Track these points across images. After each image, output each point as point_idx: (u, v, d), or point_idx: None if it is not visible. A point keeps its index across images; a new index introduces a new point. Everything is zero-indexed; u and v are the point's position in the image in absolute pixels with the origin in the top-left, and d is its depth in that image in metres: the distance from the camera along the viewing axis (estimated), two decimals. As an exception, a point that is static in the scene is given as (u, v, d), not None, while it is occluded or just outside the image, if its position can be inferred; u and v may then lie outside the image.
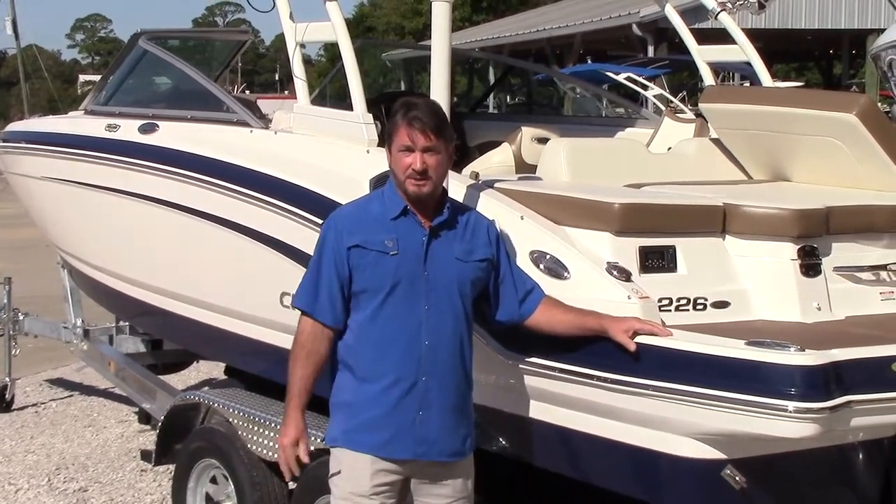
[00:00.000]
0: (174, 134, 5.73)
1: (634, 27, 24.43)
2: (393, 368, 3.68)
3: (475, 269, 3.76)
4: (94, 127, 6.38)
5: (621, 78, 18.26)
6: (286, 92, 51.42)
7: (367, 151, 4.59)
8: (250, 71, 69.51)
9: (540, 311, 3.79)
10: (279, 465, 3.95)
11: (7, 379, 8.69)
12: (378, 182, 4.23)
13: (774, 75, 6.00)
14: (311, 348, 3.76)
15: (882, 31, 17.32)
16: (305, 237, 4.53)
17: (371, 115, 4.72)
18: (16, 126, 7.94)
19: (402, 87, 32.39)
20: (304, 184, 4.75)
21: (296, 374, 3.78)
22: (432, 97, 4.10)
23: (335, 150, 4.79)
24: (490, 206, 4.15)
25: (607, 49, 29.64)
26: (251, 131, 5.33)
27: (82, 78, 69.89)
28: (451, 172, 4.09)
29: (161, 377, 7.05)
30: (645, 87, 18.03)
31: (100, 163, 6.15)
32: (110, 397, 8.85)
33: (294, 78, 5.06)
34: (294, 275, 4.01)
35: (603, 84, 16.45)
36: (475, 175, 4.56)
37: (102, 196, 6.15)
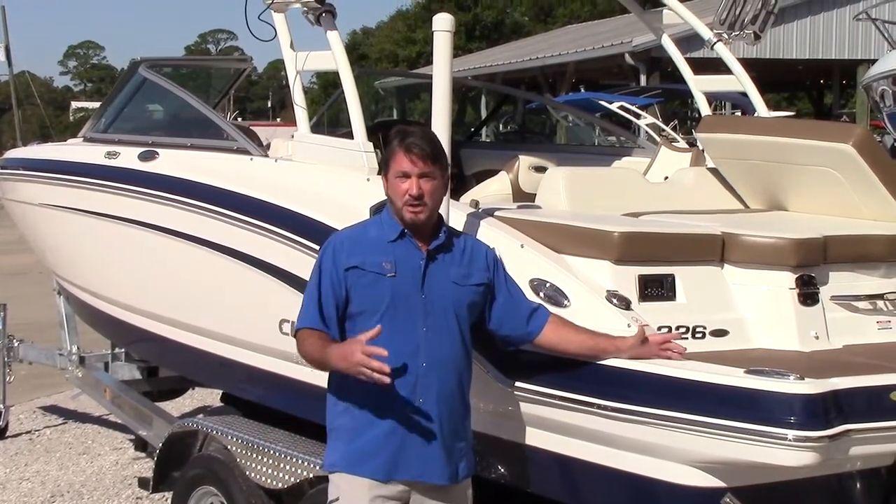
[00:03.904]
0: (174, 161, 5.76)
1: (627, 56, 24.52)
2: (390, 391, 3.66)
3: (472, 293, 3.79)
4: (93, 154, 6.41)
5: (615, 107, 18.31)
6: (278, 119, 51.54)
7: (368, 179, 4.62)
8: (242, 98, 69.56)
9: (550, 330, 3.80)
10: (280, 494, 3.89)
11: (1, 406, 8.68)
12: (378, 210, 4.25)
13: (766, 105, 6.04)
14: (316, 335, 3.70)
15: (873, 61, 17.46)
16: (306, 265, 4.54)
17: (371, 144, 4.75)
18: (14, 153, 7.95)
19: (395, 115, 32.60)
20: (305, 211, 4.77)
21: (315, 345, 3.67)
22: (434, 126, 4.14)
23: (336, 178, 4.82)
24: (490, 233, 4.18)
25: (600, 78, 29.74)
26: (251, 159, 5.36)
27: (74, 105, 69.96)
28: (450, 200, 4.13)
29: (156, 404, 7.05)
30: (638, 116, 18.08)
31: (99, 190, 6.17)
32: (105, 424, 8.83)
33: (294, 106, 5.08)
34: (294, 302, 4.03)
35: (596, 112, 16.47)
36: (475, 203, 4.60)
37: (101, 223, 6.16)
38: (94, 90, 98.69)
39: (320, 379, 3.87)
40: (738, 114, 18.43)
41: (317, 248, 4.44)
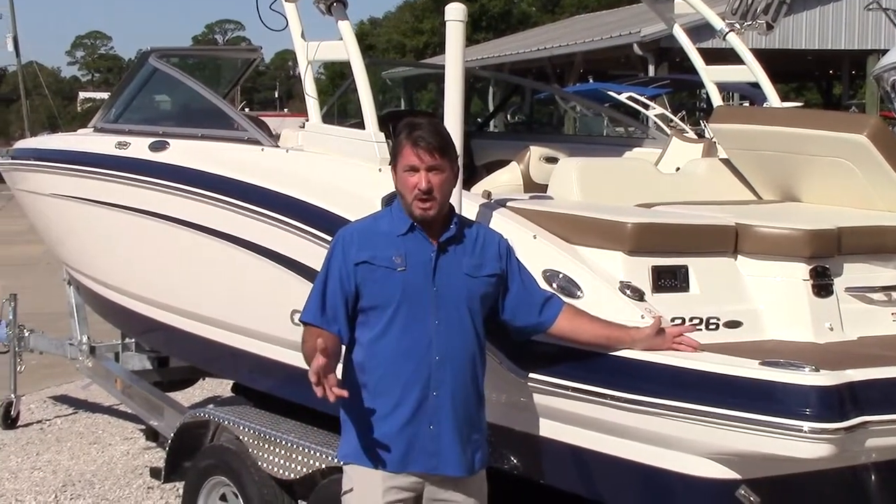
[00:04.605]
0: (185, 152, 5.75)
1: (635, 47, 24.46)
2: (404, 384, 3.68)
3: (484, 284, 3.77)
4: (103, 144, 6.40)
5: (623, 97, 18.26)
6: (286, 110, 51.50)
7: (380, 170, 4.60)
8: (250, 88, 69.48)
9: (564, 319, 3.79)
10: (291, 485, 3.89)
11: (12, 395, 8.70)
12: (390, 200, 4.24)
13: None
14: (319, 336, 3.61)
15: (883, 52, 17.36)
16: (317, 255, 4.52)
17: (383, 134, 4.74)
18: (25, 143, 7.96)
19: (402, 105, 32.58)
20: (316, 202, 4.76)
21: (308, 354, 3.58)
22: (447, 116, 4.12)
23: (347, 169, 4.81)
24: (502, 224, 4.17)
25: (608, 68, 29.69)
26: (262, 149, 5.34)
27: (82, 95, 70.03)
28: (462, 191, 4.11)
29: (167, 394, 7.05)
30: (647, 107, 18.04)
31: (109, 180, 6.16)
32: (115, 414, 8.85)
33: (306, 96, 5.07)
34: (305, 292, 4.02)
35: (605, 103, 16.42)
36: (487, 194, 4.58)
37: (112, 213, 6.16)
38: (101, 80, 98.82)
39: (333, 369, 3.85)
40: (747, 105, 18.38)
41: (328, 238, 4.44)
